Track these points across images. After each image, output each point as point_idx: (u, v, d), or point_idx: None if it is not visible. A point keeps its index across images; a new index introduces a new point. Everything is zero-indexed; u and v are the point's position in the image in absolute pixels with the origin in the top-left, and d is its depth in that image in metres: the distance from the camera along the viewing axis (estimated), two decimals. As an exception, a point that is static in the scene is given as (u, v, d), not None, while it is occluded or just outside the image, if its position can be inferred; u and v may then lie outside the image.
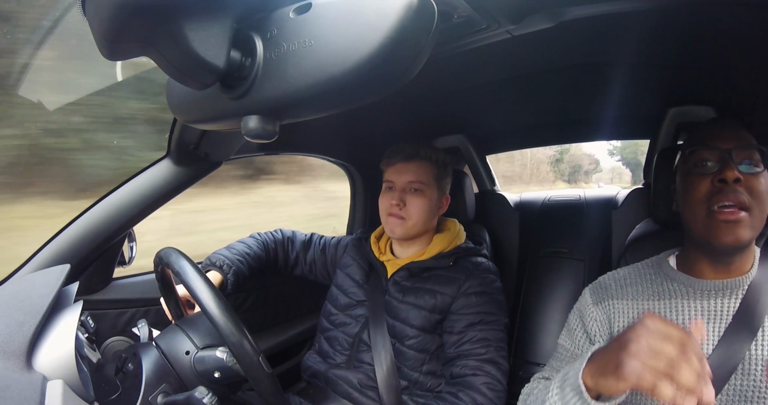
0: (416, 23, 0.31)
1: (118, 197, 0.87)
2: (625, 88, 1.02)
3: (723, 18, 0.66)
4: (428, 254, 1.02)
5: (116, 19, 0.30)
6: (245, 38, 0.37)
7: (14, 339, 0.48)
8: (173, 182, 0.89)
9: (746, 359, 0.62)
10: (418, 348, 0.95)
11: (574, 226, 1.45)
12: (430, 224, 1.04)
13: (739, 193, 0.63)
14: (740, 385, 0.62)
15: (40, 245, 0.85)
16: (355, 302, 1.05)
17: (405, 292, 0.99)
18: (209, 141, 0.82)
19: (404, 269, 1.01)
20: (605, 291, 0.78)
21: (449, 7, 0.50)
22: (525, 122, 1.40)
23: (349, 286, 1.08)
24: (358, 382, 0.95)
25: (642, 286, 0.75)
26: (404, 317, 0.97)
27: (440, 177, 1.04)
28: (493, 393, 0.87)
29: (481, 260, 1.03)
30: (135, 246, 1.00)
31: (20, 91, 1.96)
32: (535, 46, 0.78)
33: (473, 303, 0.94)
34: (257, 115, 0.37)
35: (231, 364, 0.64)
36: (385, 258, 1.06)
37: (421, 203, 1.00)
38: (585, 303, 0.79)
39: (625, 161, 18.18)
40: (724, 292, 0.66)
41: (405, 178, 1.01)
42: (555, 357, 0.82)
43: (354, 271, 1.09)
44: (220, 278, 0.97)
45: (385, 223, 1.03)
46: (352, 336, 1.02)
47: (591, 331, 0.76)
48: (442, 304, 0.95)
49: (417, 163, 1.01)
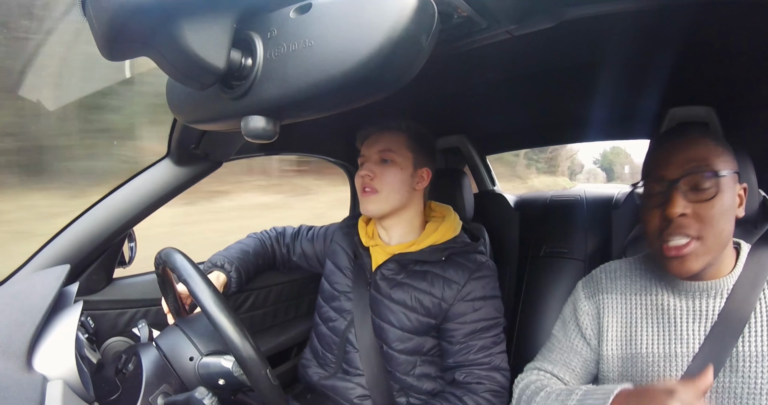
0: (416, 23, 0.31)
1: (119, 197, 0.87)
2: (625, 88, 1.02)
3: (722, 18, 0.66)
4: (419, 245, 0.95)
5: (116, 19, 0.30)
6: (245, 38, 0.37)
7: (14, 339, 0.48)
8: (173, 182, 0.89)
9: (734, 356, 0.63)
10: (409, 351, 0.91)
11: (574, 226, 1.45)
12: (410, 200, 0.97)
13: (685, 226, 0.62)
14: (729, 381, 0.63)
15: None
16: (337, 293, 1.01)
17: (393, 288, 0.93)
18: (209, 141, 0.82)
19: (393, 261, 0.94)
20: (596, 284, 0.79)
21: (449, 7, 0.50)
22: (525, 122, 1.41)
23: (336, 275, 1.03)
24: (353, 397, 0.93)
25: (631, 280, 0.76)
26: (392, 319, 0.91)
27: (415, 148, 0.98)
28: (497, 399, 0.86)
29: (480, 259, 0.95)
30: (135, 246, 1.00)
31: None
32: (535, 46, 0.78)
33: (473, 309, 0.89)
34: (257, 116, 0.37)
35: (237, 375, 0.64)
36: (372, 243, 1.00)
37: (392, 173, 0.94)
38: (578, 296, 0.80)
39: (602, 167, 24.21)
40: (709, 292, 0.67)
41: (375, 149, 0.96)
42: (548, 347, 0.83)
43: (340, 259, 1.04)
44: (224, 278, 0.96)
45: (360, 202, 0.97)
46: (339, 335, 0.98)
47: (582, 325, 0.78)
48: (437, 310, 0.90)
49: (388, 133, 0.98)
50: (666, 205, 0.63)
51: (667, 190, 0.64)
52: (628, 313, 0.73)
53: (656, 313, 0.70)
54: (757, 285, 0.65)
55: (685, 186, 0.63)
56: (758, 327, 0.63)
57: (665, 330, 0.69)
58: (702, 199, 0.62)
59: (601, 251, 1.33)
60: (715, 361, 0.63)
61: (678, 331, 0.68)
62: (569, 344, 0.79)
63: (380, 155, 0.96)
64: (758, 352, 0.62)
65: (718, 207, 0.62)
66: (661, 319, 0.70)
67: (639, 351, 0.70)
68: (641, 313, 0.72)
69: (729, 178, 0.63)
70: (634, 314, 0.73)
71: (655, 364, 0.69)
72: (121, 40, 0.31)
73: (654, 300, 0.71)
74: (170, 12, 0.31)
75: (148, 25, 0.31)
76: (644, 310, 0.72)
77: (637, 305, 0.73)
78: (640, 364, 0.70)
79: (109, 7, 0.29)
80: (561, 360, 0.79)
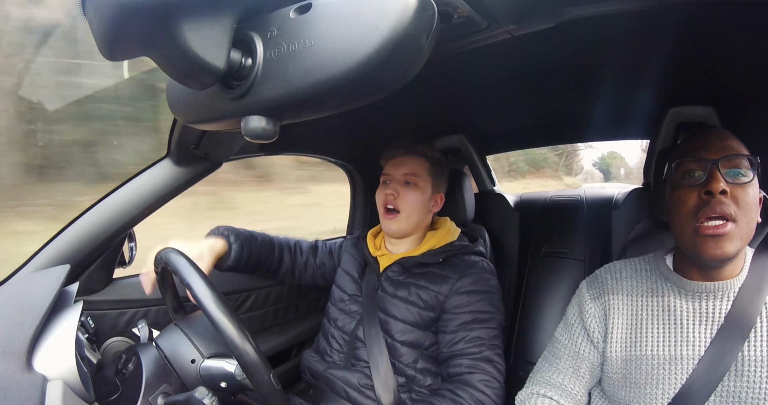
0: (416, 23, 0.31)
1: (119, 198, 0.87)
2: (625, 88, 1.02)
3: (722, 18, 0.66)
4: (420, 251, 1.03)
5: (116, 19, 0.30)
6: (245, 38, 0.37)
7: (14, 339, 0.48)
8: (173, 182, 0.89)
9: (740, 360, 0.63)
10: (410, 343, 0.96)
11: (574, 226, 1.45)
12: (423, 221, 1.06)
13: (725, 204, 0.62)
14: (734, 386, 0.63)
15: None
16: (348, 295, 1.07)
17: (397, 287, 1.00)
18: (209, 141, 0.82)
19: (397, 264, 1.03)
20: (602, 285, 0.78)
21: (449, 7, 0.50)
22: (525, 122, 1.41)
23: (345, 281, 1.10)
24: (357, 382, 0.95)
25: (637, 281, 0.75)
26: (395, 313, 0.98)
27: (435, 174, 1.06)
28: (491, 390, 0.87)
29: (475, 259, 1.03)
30: (135, 246, 1.00)
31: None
32: (535, 46, 0.78)
33: (465, 302, 0.94)
34: (257, 116, 0.37)
35: (240, 379, 0.64)
36: (379, 253, 1.09)
37: (414, 196, 1.02)
38: (583, 298, 0.79)
39: (600, 168, 25.37)
40: (715, 294, 0.67)
41: (401, 171, 1.04)
42: (550, 351, 0.82)
43: (350, 267, 1.12)
44: (223, 245, 0.94)
45: (382, 219, 1.05)
46: (348, 333, 1.02)
47: (589, 327, 0.77)
48: (434, 302, 0.96)
49: (413, 157, 1.05)
50: (708, 183, 0.64)
51: (707, 169, 0.65)
52: (634, 315, 0.73)
53: (662, 315, 0.70)
54: (763, 288, 0.65)
55: (725, 168, 0.64)
56: (764, 331, 0.63)
57: (671, 332, 0.69)
58: (739, 182, 0.64)
59: (601, 251, 1.33)
60: (720, 364, 0.63)
61: (684, 333, 0.67)
62: (575, 349, 0.78)
63: (404, 177, 1.03)
64: (764, 357, 0.61)
65: (751, 194, 0.63)
66: (668, 321, 0.69)
67: (644, 353, 0.70)
68: (647, 315, 0.71)
69: (755, 175, 0.65)
70: (639, 316, 0.72)
71: (660, 366, 0.68)
72: (121, 40, 0.31)
73: (660, 301, 0.71)
74: (170, 12, 0.31)
75: (148, 25, 0.31)
76: (650, 311, 0.71)
77: (643, 307, 0.72)
78: (644, 366, 0.69)
79: (109, 7, 0.29)
80: (570, 368, 0.78)
